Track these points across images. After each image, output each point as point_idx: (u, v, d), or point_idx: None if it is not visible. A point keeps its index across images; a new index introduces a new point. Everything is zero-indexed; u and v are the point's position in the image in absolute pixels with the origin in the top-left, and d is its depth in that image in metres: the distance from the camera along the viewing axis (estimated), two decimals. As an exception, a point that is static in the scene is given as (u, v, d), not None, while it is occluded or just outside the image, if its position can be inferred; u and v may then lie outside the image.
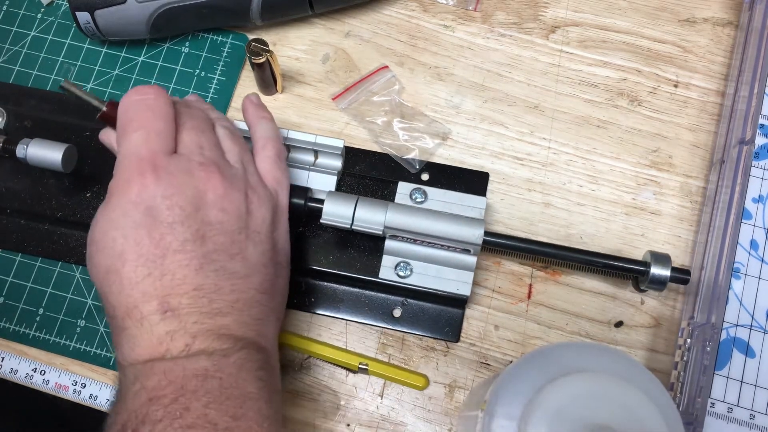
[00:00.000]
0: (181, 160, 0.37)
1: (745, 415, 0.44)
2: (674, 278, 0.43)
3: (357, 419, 0.45)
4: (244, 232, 0.37)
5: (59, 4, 0.54)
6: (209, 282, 0.36)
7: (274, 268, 0.39)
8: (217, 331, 0.35)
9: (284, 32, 0.53)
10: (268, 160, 0.42)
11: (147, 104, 0.38)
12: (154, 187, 0.35)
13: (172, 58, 0.53)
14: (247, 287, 0.37)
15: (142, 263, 0.35)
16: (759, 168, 0.49)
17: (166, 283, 0.35)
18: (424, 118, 0.51)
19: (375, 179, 0.49)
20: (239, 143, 0.41)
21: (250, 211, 0.38)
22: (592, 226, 0.48)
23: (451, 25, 0.53)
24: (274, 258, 0.39)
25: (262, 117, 0.44)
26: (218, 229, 0.36)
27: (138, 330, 0.34)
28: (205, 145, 0.38)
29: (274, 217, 0.40)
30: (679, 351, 0.44)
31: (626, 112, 0.51)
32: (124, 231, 0.35)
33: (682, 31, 0.53)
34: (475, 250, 0.44)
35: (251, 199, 0.38)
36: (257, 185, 0.40)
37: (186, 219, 0.35)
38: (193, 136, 0.38)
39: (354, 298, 0.47)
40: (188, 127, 0.39)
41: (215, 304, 0.35)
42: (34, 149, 0.46)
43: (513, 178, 0.50)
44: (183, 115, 0.39)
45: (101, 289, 0.36)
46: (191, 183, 0.36)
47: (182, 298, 0.35)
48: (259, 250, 0.38)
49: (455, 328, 0.46)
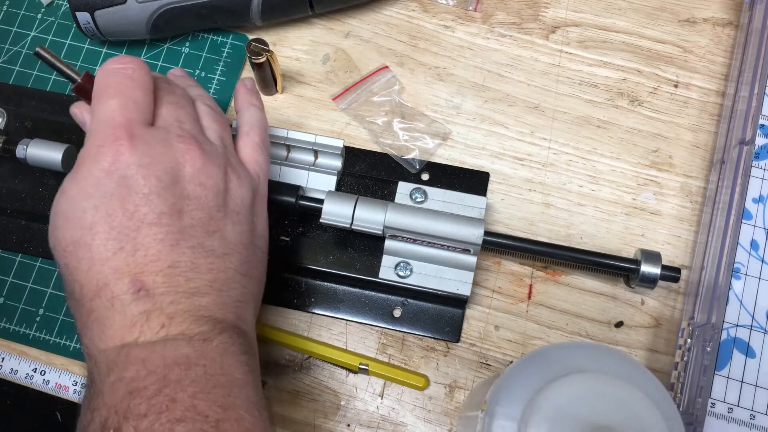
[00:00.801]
0: (158, 131, 0.35)
1: (746, 416, 0.44)
2: (665, 276, 0.44)
3: (357, 419, 0.45)
4: (222, 209, 0.36)
5: (59, 4, 0.54)
6: (185, 259, 0.34)
7: (253, 251, 0.38)
8: (195, 313, 0.33)
9: (284, 32, 0.53)
10: (252, 145, 0.40)
11: (126, 73, 0.36)
12: (130, 156, 0.33)
13: (172, 59, 0.53)
14: (225, 266, 0.35)
15: (114, 236, 0.32)
16: (759, 168, 0.49)
17: (139, 259, 0.33)
18: (424, 119, 0.51)
19: (375, 179, 0.49)
20: (220, 122, 0.39)
21: (229, 189, 0.37)
22: (592, 226, 0.48)
23: (452, 25, 0.53)
24: (253, 241, 0.38)
25: (252, 104, 0.42)
26: (196, 203, 0.35)
27: (108, 311, 0.32)
28: (184, 119, 0.37)
29: (253, 199, 0.38)
30: (679, 351, 0.44)
31: (626, 113, 0.51)
32: (96, 201, 0.33)
33: (682, 31, 0.53)
34: (475, 250, 0.44)
35: (230, 177, 0.37)
36: (237, 164, 0.38)
37: (163, 191, 0.34)
38: (171, 110, 0.37)
39: (354, 298, 0.47)
40: (167, 101, 0.37)
41: (192, 283, 0.34)
42: (34, 149, 0.46)
43: (513, 179, 0.50)
44: (162, 90, 0.38)
45: (67, 265, 0.33)
46: (169, 154, 0.34)
47: (157, 276, 0.33)
48: (238, 230, 0.37)
49: (455, 328, 0.46)
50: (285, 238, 0.47)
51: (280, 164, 0.47)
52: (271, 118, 0.51)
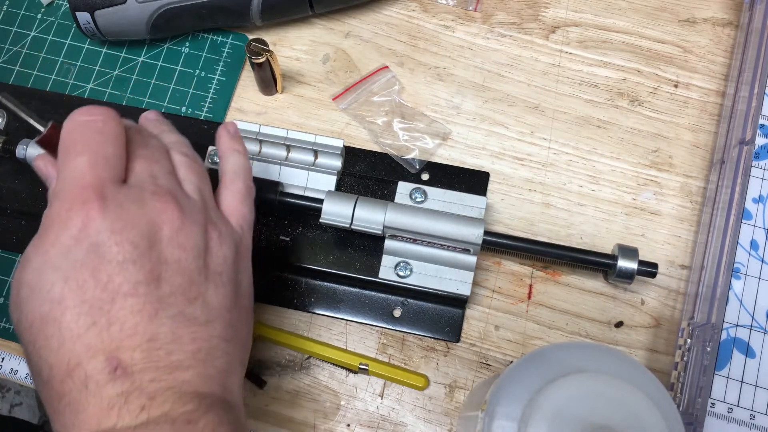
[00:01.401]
0: (132, 190, 0.32)
1: (746, 416, 0.44)
2: (641, 271, 0.44)
3: (357, 419, 0.45)
4: (203, 272, 0.33)
5: (59, 4, 0.54)
6: (165, 330, 0.31)
7: (238, 313, 0.35)
8: (178, 389, 0.30)
9: (284, 32, 0.53)
10: (237, 195, 0.38)
11: (95, 127, 0.33)
12: (101, 220, 0.30)
13: (172, 59, 0.53)
14: (209, 335, 0.32)
15: (86, 310, 0.29)
16: (759, 168, 0.49)
17: (114, 334, 0.29)
18: (424, 119, 0.51)
19: (375, 179, 0.49)
20: (198, 172, 0.36)
21: (210, 248, 0.34)
22: (592, 226, 0.48)
23: (452, 25, 0.53)
24: (238, 302, 0.35)
25: (235, 150, 0.40)
26: (175, 268, 0.32)
27: (82, 394, 0.29)
28: (159, 174, 0.34)
29: (236, 256, 0.35)
30: (679, 351, 0.44)
31: (626, 113, 0.51)
32: (65, 272, 0.30)
33: (682, 31, 0.53)
34: (475, 249, 0.44)
35: (211, 235, 0.34)
36: (218, 220, 0.35)
37: (138, 257, 0.31)
38: (145, 165, 0.34)
39: (354, 298, 0.47)
40: (140, 155, 0.34)
41: (174, 356, 0.30)
42: (34, 149, 0.46)
43: (513, 179, 0.50)
44: (134, 142, 0.35)
45: (33, 343, 0.30)
46: (144, 215, 0.32)
47: (135, 352, 0.30)
48: (221, 293, 0.34)
49: (455, 328, 0.46)
50: (285, 238, 0.47)
51: (280, 164, 0.47)
52: (271, 118, 0.51)
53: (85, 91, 0.52)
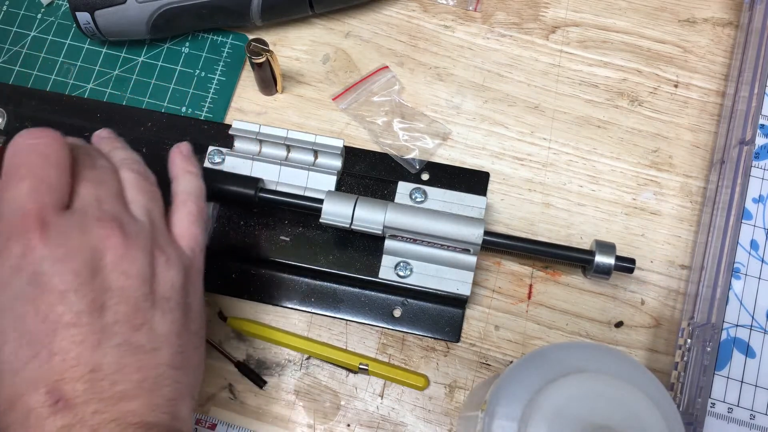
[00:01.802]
0: (74, 215, 0.31)
1: (746, 416, 0.44)
2: (618, 267, 0.44)
3: (357, 419, 0.45)
4: (149, 298, 0.32)
5: (59, 4, 0.54)
6: (109, 360, 0.30)
7: (188, 338, 0.34)
8: (123, 421, 0.29)
9: (284, 32, 0.53)
10: (189, 217, 0.37)
11: (39, 150, 0.32)
12: (42, 248, 0.30)
13: (172, 59, 0.53)
14: (156, 363, 0.32)
15: (27, 342, 0.29)
16: (759, 168, 0.49)
17: (56, 366, 0.29)
18: (424, 119, 0.51)
19: (375, 179, 0.49)
20: (147, 192, 0.35)
21: (156, 273, 0.33)
22: (592, 226, 0.48)
23: (452, 25, 0.53)
24: (187, 326, 0.34)
25: (188, 171, 0.39)
26: (119, 296, 0.31)
27: (24, 427, 0.28)
28: (104, 198, 0.33)
29: (186, 280, 0.34)
30: (679, 351, 0.44)
31: (626, 113, 0.51)
32: (3, 303, 0.29)
33: (682, 31, 0.53)
34: (475, 249, 0.44)
35: (158, 261, 0.33)
36: (166, 243, 0.34)
37: (81, 286, 0.30)
38: (90, 188, 0.33)
39: (354, 298, 0.47)
40: (86, 177, 0.33)
41: (118, 386, 0.30)
42: None
43: (513, 179, 0.50)
44: (81, 164, 0.34)
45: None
46: (87, 242, 0.31)
47: (77, 383, 0.29)
48: (169, 319, 0.33)
49: (455, 328, 0.46)
50: (285, 238, 0.47)
51: (279, 164, 0.47)
52: (271, 118, 0.51)
53: (85, 91, 0.52)
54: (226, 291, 0.47)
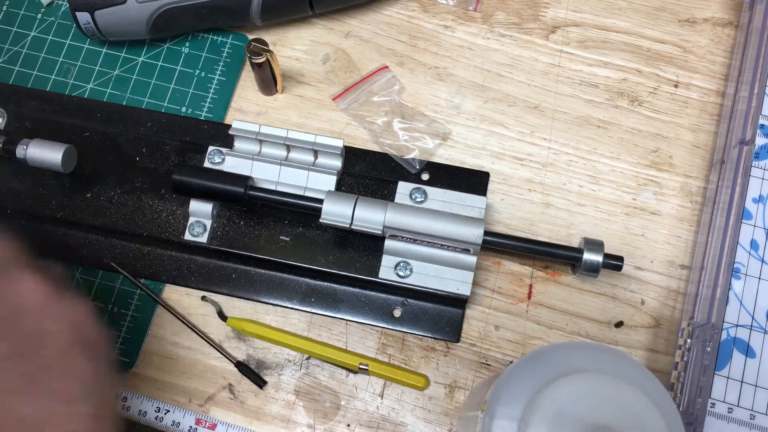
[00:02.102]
0: None
1: (746, 416, 0.44)
2: (607, 264, 0.44)
3: (357, 419, 0.45)
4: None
5: (59, 4, 0.54)
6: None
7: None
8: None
9: (284, 32, 0.53)
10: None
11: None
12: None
13: (172, 59, 0.53)
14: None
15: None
16: (759, 168, 0.49)
17: None
18: (424, 119, 0.51)
19: (375, 179, 0.49)
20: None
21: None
22: (592, 226, 0.48)
23: (452, 25, 0.53)
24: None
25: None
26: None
27: None
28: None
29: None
30: (679, 351, 0.44)
31: (626, 113, 0.51)
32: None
33: (682, 31, 0.53)
34: (475, 249, 0.44)
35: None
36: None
37: None
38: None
39: (354, 298, 0.47)
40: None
41: None
42: (33, 150, 0.46)
43: (513, 179, 0.50)
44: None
45: None
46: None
47: None
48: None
49: (455, 328, 0.46)
50: (285, 238, 0.47)
51: (279, 164, 0.47)
52: (271, 118, 0.51)
53: (85, 91, 0.52)
54: (226, 291, 0.47)
